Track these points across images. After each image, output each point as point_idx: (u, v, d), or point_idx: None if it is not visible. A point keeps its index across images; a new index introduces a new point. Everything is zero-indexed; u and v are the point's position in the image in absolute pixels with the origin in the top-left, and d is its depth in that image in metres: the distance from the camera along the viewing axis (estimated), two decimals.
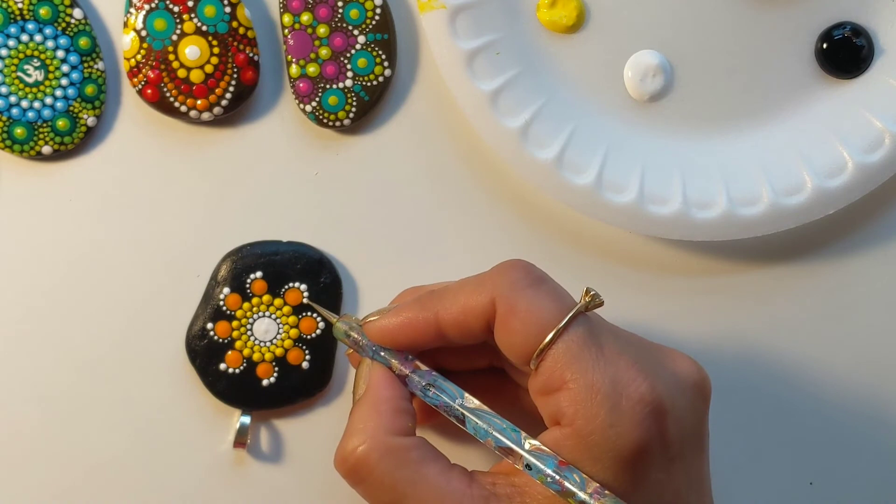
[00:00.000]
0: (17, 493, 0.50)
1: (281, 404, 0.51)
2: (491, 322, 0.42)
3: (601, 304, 0.42)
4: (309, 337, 0.50)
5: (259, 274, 0.50)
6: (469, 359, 0.47)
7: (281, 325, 0.50)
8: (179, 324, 0.51)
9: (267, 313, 0.50)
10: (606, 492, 0.39)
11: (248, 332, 0.50)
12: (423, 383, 0.44)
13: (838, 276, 0.53)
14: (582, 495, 0.39)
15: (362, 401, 0.44)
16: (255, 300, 0.50)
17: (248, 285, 0.50)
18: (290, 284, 0.50)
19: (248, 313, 0.50)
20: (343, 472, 0.42)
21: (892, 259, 0.53)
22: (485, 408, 0.43)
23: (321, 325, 0.51)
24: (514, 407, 0.46)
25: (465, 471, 0.42)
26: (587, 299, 0.42)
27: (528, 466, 0.40)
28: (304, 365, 0.50)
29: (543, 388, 0.41)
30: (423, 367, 0.44)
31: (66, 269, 0.51)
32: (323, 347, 0.51)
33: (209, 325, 0.50)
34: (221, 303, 0.50)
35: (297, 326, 0.50)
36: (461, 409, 0.43)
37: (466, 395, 0.43)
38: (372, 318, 0.45)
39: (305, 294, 0.50)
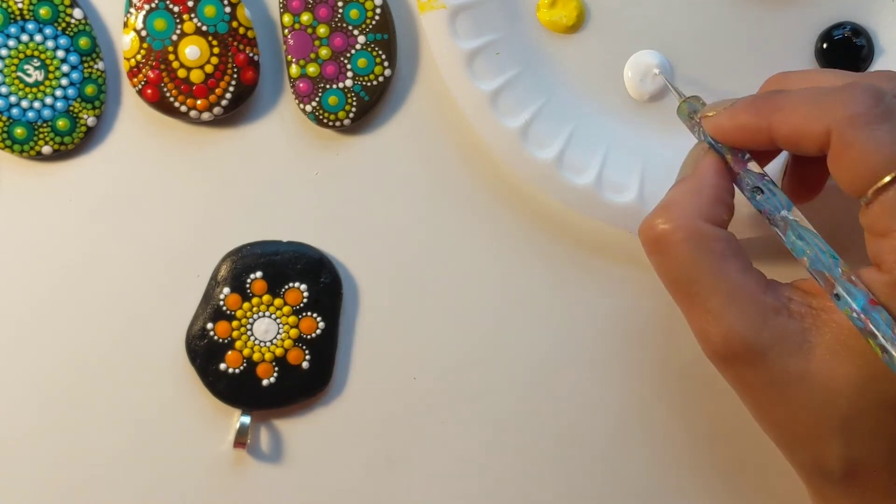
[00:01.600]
0: (18, 493, 0.50)
1: (281, 404, 0.51)
2: (825, 148, 0.40)
3: None
4: (309, 337, 0.50)
5: (259, 274, 0.50)
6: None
7: (281, 325, 0.50)
8: (179, 324, 0.51)
9: (267, 313, 0.50)
10: None
11: (248, 332, 0.50)
12: (754, 185, 0.43)
13: None
14: (882, 340, 0.38)
15: (686, 179, 0.43)
16: (255, 300, 0.50)
17: (248, 285, 0.50)
18: (290, 284, 0.50)
19: (248, 313, 0.50)
20: (643, 240, 0.42)
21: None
22: (809, 226, 0.41)
23: (321, 325, 0.51)
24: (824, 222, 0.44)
25: (763, 277, 0.42)
26: None
27: (837, 296, 0.40)
28: (304, 365, 0.50)
29: (870, 227, 0.40)
30: (757, 170, 0.43)
31: (66, 269, 0.51)
32: (323, 347, 0.51)
33: (209, 325, 0.50)
34: (221, 303, 0.50)
35: (297, 326, 0.50)
36: (785, 220, 0.42)
37: (794, 208, 0.42)
38: (710, 114, 0.44)
39: (306, 294, 0.50)
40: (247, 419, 0.50)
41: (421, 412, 0.52)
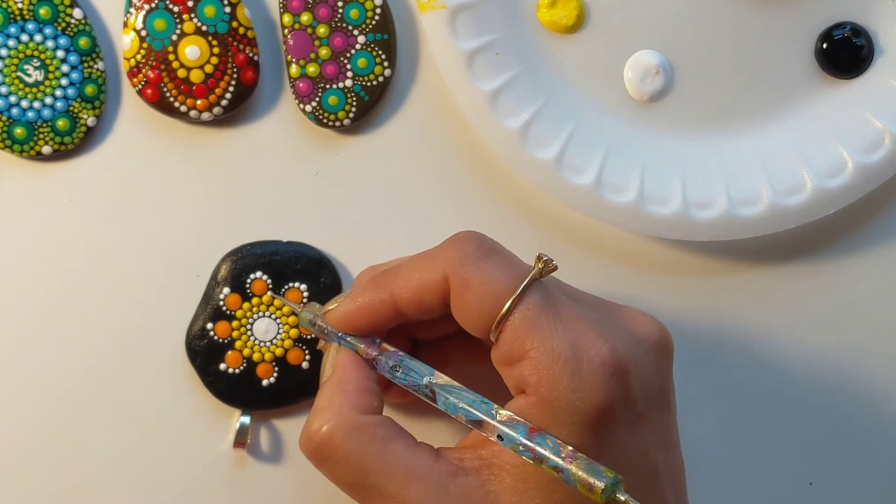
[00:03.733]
0: (18, 493, 0.50)
1: (281, 404, 0.51)
2: (446, 297, 0.42)
3: (555, 268, 0.42)
4: (309, 337, 0.50)
5: (259, 274, 0.50)
6: (438, 328, 0.46)
7: (281, 325, 0.50)
8: (179, 324, 0.51)
9: (267, 313, 0.50)
10: (580, 454, 0.39)
11: (248, 332, 0.50)
12: (391, 364, 0.43)
13: (838, 276, 0.53)
14: (555, 460, 0.39)
15: (328, 382, 0.44)
16: (255, 300, 0.50)
17: (248, 285, 0.50)
18: (290, 284, 0.50)
19: (248, 313, 0.50)
20: (308, 452, 0.42)
21: (892, 259, 0.53)
22: (454, 382, 0.43)
23: None
24: (490, 368, 0.45)
25: (431, 447, 0.42)
26: (540, 265, 0.42)
27: (500, 437, 0.40)
28: (304, 365, 0.50)
29: (505, 358, 0.41)
30: (391, 349, 0.44)
31: (66, 269, 0.51)
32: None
33: (209, 325, 0.50)
34: (221, 303, 0.50)
35: (297, 326, 0.50)
36: (430, 387, 0.43)
37: (436, 371, 0.43)
38: (331, 307, 0.45)
39: (306, 294, 0.50)
40: (247, 419, 0.50)
41: (421, 412, 0.52)
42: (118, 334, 0.51)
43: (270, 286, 0.50)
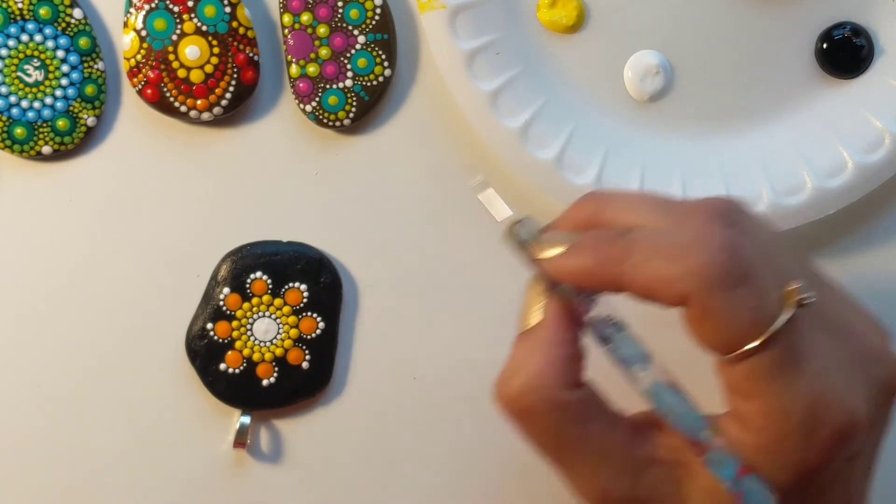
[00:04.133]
0: (18, 493, 0.50)
1: (281, 404, 0.51)
2: (678, 304, 0.38)
3: (811, 302, 0.37)
4: (309, 337, 0.50)
5: (259, 274, 0.50)
6: None
7: (281, 325, 0.50)
8: (179, 324, 0.51)
9: (267, 313, 0.50)
10: None
11: (248, 332, 0.50)
12: (602, 334, 0.40)
13: (838, 276, 0.53)
14: None
15: (534, 335, 0.40)
16: (255, 300, 0.50)
17: (248, 285, 0.50)
18: (290, 284, 0.50)
19: (248, 313, 0.50)
20: (502, 408, 0.40)
21: (892, 259, 0.53)
22: (668, 380, 0.39)
23: (321, 325, 0.51)
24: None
25: (629, 426, 0.40)
26: (791, 302, 0.37)
27: (707, 461, 0.38)
28: (304, 365, 0.50)
29: (732, 386, 0.38)
30: (606, 315, 0.40)
31: (66, 269, 0.51)
32: (323, 347, 0.51)
33: (209, 325, 0.50)
34: (221, 303, 0.50)
35: (297, 326, 0.50)
36: (644, 374, 0.39)
37: (650, 357, 0.39)
38: (548, 254, 0.40)
39: (306, 294, 0.50)
40: (247, 419, 0.50)
41: (421, 412, 0.52)
42: (118, 334, 0.51)
43: (270, 286, 0.50)
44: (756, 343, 0.36)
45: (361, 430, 0.52)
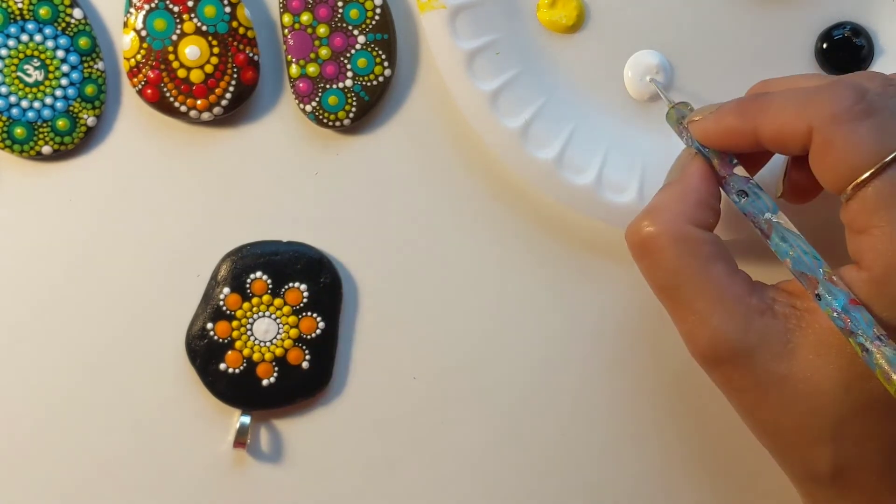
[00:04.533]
0: (18, 493, 0.50)
1: (281, 404, 0.51)
2: (808, 146, 0.41)
3: None
4: (309, 337, 0.50)
5: (259, 274, 0.50)
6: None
7: (281, 325, 0.50)
8: (179, 324, 0.51)
9: (267, 313, 0.50)
10: (890, 342, 0.38)
11: (248, 332, 0.50)
12: (739, 189, 0.43)
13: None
14: (862, 339, 0.38)
15: (673, 183, 0.44)
16: (255, 300, 0.50)
17: (248, 285, 0.50)
18: (290, 284, 0.50)
19: (248, 313, 0.50)
20: (631, 244, 0.43)
21: None
22: (793, 228, 0.42)
23: (321, 325, 0.51)
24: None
25: (749, 278, 0.42)
26: None
27: (819, 296, 0.40)
28: (304, 365, 0.50)
29: (850, 224, 0.40)
30: (743, 174, 0.44)
31: (66, 269, 0.51)
32: (323, 347, 0.51)
33: (209, 325, 0.50)
34: (221, 303, 0.50)
35: (297, 326, 0.50)
36: (769, 222, 0.42)
37: (780, 211, 0.42)
38: (696, 118, 0.44)
39: (306, 294, 0.50)
40: (247, 419, 0.50)
41: (421, 412, 0.52)
42: (118, 334, 0.51)
43: (270, 286, 0.50)
44: (871, 171, 0.39)
45: (361, 430, 0.52)
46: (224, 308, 0.50)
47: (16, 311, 0.50)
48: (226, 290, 0.50)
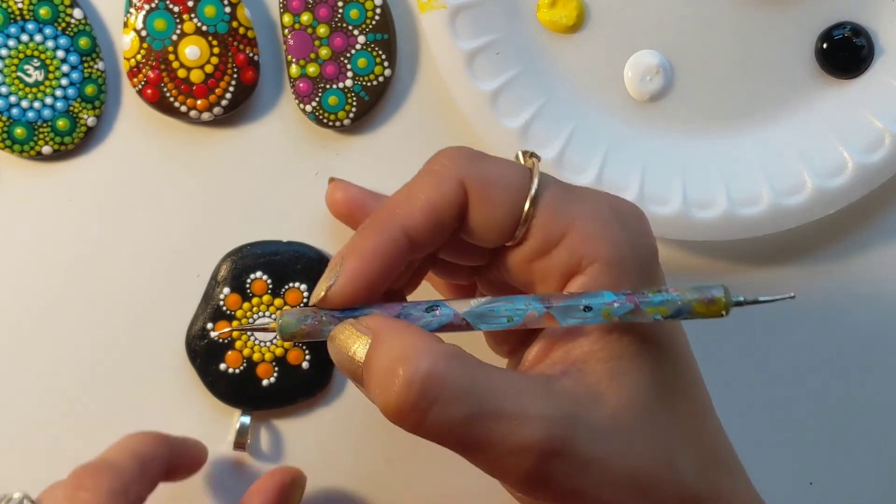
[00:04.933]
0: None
1: (281, 404, 0.51)
2: (463, 206, 0.39)
3: (539, 158, 0.40)
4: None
5: (259, 274, 0.50)
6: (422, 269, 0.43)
7: None
8: (179, 324, 0.51)
9: (267, 313, 0.50)
10: (671, 287, 0.38)
11: (248, 332, 0.50)
12: (423, 308, 0.38)
13: (838, 276, 0.53)
14: (663, 296, 0.37)
15: (382, 340, 0.37)
16: (255, 300, 0.50)
17: (248, 285, 0.50)
18: (290, 284, 0.50)
19: (248, 313, 0.50)
20: (408, 406, 0.35)
21: (892, 259, 0.53)
22: (480, 301, 0.38)
23: None
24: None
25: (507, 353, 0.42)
26: (530, 156, 0.40)
27: (587, 307, 0.37)
28: (304, 365, 0.50)
29: (541, 246, 0.39)
30: (407, 303, 0.39)
31: (66, 269, 0.51)
32: (323, 347, 0.51)
33: (209, 325, 0.50)
34: (221, 303, 0.50)
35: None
36: (459, 316, 0.38)
37: (454, 301, 0.38)
38: (326, 286, 0.38)
39: (306, 294, 0.50)
40: (247, 419, 0.50)
41: None
42: (118, 334, 0.51)
43: (270, 286, 0.50)
44: (536, 177, 0.39)
45: (361, 430, 0.52)
46: (224, 308, 0.50)
47: (16, 311, 0.50)
48: (226, 290, 0.50)
